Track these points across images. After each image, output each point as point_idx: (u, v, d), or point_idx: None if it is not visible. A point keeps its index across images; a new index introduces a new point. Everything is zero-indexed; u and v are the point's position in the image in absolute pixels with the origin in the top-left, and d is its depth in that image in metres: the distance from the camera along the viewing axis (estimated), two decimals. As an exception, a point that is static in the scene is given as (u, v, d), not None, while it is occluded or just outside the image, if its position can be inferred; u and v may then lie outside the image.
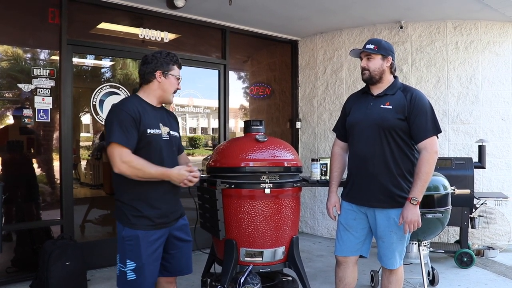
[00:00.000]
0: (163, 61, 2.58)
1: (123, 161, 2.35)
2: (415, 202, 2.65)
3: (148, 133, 2.47)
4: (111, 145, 2.36)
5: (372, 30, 6.07)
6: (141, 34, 5.20)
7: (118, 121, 2.38)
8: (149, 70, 2.56)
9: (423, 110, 2.71)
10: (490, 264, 4.99)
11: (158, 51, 2.63)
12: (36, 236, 4.49)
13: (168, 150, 2.60)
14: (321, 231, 6.47)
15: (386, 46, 2.84)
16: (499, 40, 5.76)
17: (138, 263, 2.44)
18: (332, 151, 3.14)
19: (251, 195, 3.04)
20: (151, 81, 2.58)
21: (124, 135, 2.36)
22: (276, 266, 3.19)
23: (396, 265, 2.85)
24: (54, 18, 4.52)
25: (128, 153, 2.37)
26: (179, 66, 2.67)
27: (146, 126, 2.46)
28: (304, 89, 6.77)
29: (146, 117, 2.48)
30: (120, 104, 2.51)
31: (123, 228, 2.48)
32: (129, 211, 2.47)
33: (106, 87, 4.92)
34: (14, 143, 4.44)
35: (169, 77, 2.60)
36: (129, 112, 2.41)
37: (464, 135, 5.72)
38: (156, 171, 2.40)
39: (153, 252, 2.50)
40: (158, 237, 2.52)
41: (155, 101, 2.61)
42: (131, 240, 2.45)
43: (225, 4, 4.77)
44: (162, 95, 2.62)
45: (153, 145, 2.50)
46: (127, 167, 2.36)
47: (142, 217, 2.47)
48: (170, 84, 2.62)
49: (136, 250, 2.44)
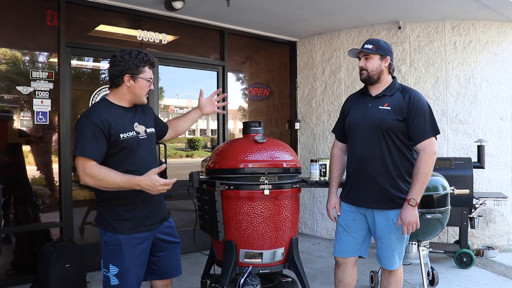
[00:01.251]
0: (132, 64, 2.42)
1: (86, 173, 2.28)
2: (413, 203, 2.65)
3: (121, 138, 2.39)
4: (76, 158, 2.30)
5: (370, 30, 6.07)
6: (139, 36, 5.20)
7: (84, 133, 2.30)
8: (117, 74, 2.43)
9: (422, 111, 2.71)
10: (489, 264, 4.99)
11: (127, 51, 2.46)
12: (36, 238, 4.49)
13: (146, 150, 2.53)
14: (320, 232, 6.47)
15: (384, 46, 2.84)
16: (498, 40, 5.77)
17: (121, 268, 2.40)
18: (332, 152, 3.15)
19: (250, 196, 3.03)
20: (120, 85, 2.45)
21: (90, 147, 2.28)
22: (276, 267, 3.18)
23: (396, 265, 2.85)
24: (53, 21, 4.53)
25: (91, 165, 2.28)
26: (151, 66, 2.51)
27: (118, 132, 2.38)
28: (303, 90, 6.77)
29: (116, 123, 2.39)
30: (87, 114, 2.39)
31: (105, 233, 2.43)
32: (109, 215, 2.43)
33: (105, 89, 4.92)
34: (13, 146, 4.44)
35: (139, 80, 2.45)
36: (96, 122, 2.32)
37: (463, 135, 5.72)
38: (122, 180, 2.27)
39: (138, 256, 2.45)
40: (142, 240, 2.46)
41: (126, 104, 2.51)
42: (113, 245, 2.40)
43: (223, 5, 4.78)
44: (132, 98, 2.50)
45: (128, 150, 2.42)
46: (90, 179, 2.28)
47: (123, 221, 2.42)
48: (140, 88, 2.47)
49: (118, 255, 2.39)
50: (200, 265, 3.67)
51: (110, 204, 2.43)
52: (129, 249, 2.40)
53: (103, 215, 2.45)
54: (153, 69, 2.54)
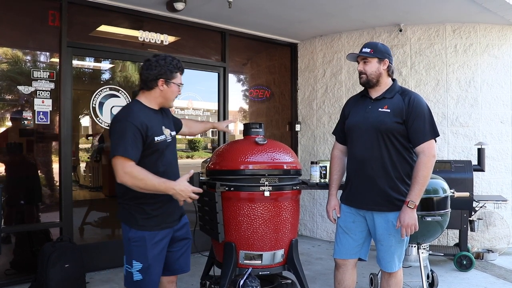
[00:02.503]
0: (167, 69, 2.55)
1: (126, 172, 2.36)
2: (412, 205, 2.65)
3: (155, 141, 2.50)
4: (116, 157, 2.37)
5: (371, 33, 6.08)
6: (141, 36, 5.21)
7: (125, 133, 2.38)
8: (152, 78, 2.54)
9: (421, 113, 2.72)
10: (489, 267, 4.99)
11: (162, 57, 2.58)
12: (35, 238, 4.49)
13: (172, 152, 2.68)
14: (320, 234, 6.47)
15: (382, 49, 2.84)
16: (498, 43, 5.78)
17: (145, 264, 2.49)
18: (332, 154, 3.15)
19: (250, 198, 3.03)
20: (153, 89, 2.57)
21: (130, 147, 2.37)
22: (275, 269, 3.18)
23: (395, 268, 2.85)
24: (54, 21, 4.54)
25: (131, 165, 2.37)
26: (181, 72, 2.67)
27: (153, 134, 2.49)
28: (304, 92, 6.77)
29: (152, 126, 2.50)
30: (127, 114, 2.48)
31: (130, 230, 2.51)
32: (137, 213, 2.51)
33: (106, 89, 4.92)
34: (14, 145, 4.44)
35: (171, 85, 2.59)
36: (136, 124, 2.41)
37: (464, 138, 5.73)
38: (159, 182, 2.39)
39: (159, 253, 2.55)
40: (163, 237, 2.56)
41: (156, 106, 2.63)
42: (137, 241, 2.49)
43: (224, 7, 4.78)
44: (163, 102, 2.63)
45: (160, 151, 2.54)
46: (129, 178, 2.36)
47: (149, 218, 2.51)
48: (172, 92, 2.61)
49: (142, 251, 2.48)
50: (200, 266, 3.67)
51: (138, 203, 2.50)
52: (152, 246, 2.50)
53: (130, 213, 2.52)
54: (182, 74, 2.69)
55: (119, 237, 5.26)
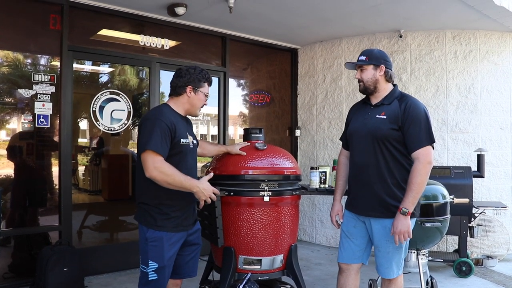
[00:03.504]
0: (196, 78, 2.72)
1: (155, 166, 2.46)
2: (405, 212, 2.64)
3: (181, 142, 2.63)
4: (147, 151, 2.48)
5: (371, 39, 6.10)
6: (141, 41, 5.22)
7: (156, 130, 2.51)
8: (181, 84, 2.71)
9: (417, 119, 2.71)
10: (489, 274, 4.98)
11: (192, 67, 2.77)
12: (34, 241, 4.48)
13: (193, 158, 2.80)
14: (319, 239, 6.46)
15: (377, 56, 2.85)
16: (498, 49, 5.79)
17: (161, 264, 2.57)
18: (338, 160, 3.18)
19: (250, 203, 3.03)
20: (181, 95, 2.73)
21: (160, 143, 2.49)
22: (275, 274, 3.18)
23: (393, 274, 2.84)
24: (56, 24, 4.54)
25: (161, 160, 2.49)
26: (209, 84, 2.82)
27: (179, 136, 2.62)
28: (304, 97, 6.78)
29: (179, 128, 2.63)
30: (158, 113, 2.62)
31: (147, 230, 2.58)
32: (156, 213, 2.59)
33: (106, 93, 4.93)
34: (13, 148, 4.44)
35: (199, 93, 2.75)
36: (167, 122, 2.56)
37: (463, 144, 5.73)
38: (185, 179, 2.52)
39: (173, 254, 2.65)
40: (178, 239, 2.66)
41: (183, 112, 2.77)
42: (155, 241, 2.56)
43: (225, 12, 4.80)
44: (189, 108, 2.78)
45: (183, 154, 2.66)
46: (159, 173, 2.46)
47: (168, 219, 2.60)
48: (198, 100, 2.76)
49: (159, 251, 2.56)
50: (199, 271, 3.65)
51: (157, 203, 2.60)
52: (169, 247, 2.59)
53: (149, 213, 2.60)
54: (210, 86, 2.85)
55: (117, 241, 5.26)
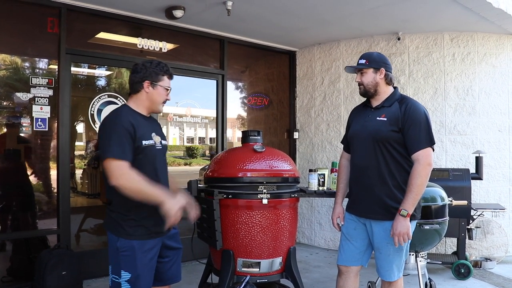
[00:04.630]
0: (152, 71, 2.55)
1: (121, 174, 2.31)
2: (404, 214, 2.64)
3: (143, 145, 2.46)
4: (108, 160, 2.33)
5: (369, 41, 6.11)
6: (139, 44, 5.22)
7: (114, 135, 2.36)
8: (137, 80, 2.54)
9: (417, 121, 2.72)
10: (487, 276, 4.98)
11: (148, 61, 2.60)
12: (32, 245, 4.46)
13: (161, 160, 2.62)
14: (318, 242, 6.45)
15: (377, 59, 2.86)
16: (496, 52, 5.81)
17: (134, 274, 2.43)
18: (339, 163, 3.19)
19: (248, 206, 3.03)
20: (139, 91, 2.56)
21: (121, 149, 2.34)
22: (273, 277, 3.18)
23: (394, 277, 2.84)
24: (53, 28, 4.54)
25: (125, 166, 2.33)
26: (169, 77, 2.64)
27: (141, 138, 2.45)
28: (302, 99, 6.79)
29: (140, 129, 2.46)
30: (114, 117, 2.47)
31: (118, 239, 2.45)
32: (125, 221, 2.45)
33: (104, 96, 4.92)
34: (12, 152, 4.43)
35: (158, 87, 2.57)
36: (125, 124, 2.39)
37: (461, 146, 5.74)
38: (153, 191, 2.35)
39: (149, 262, 2.49)
40: (153, 246, 2.51)
41: (144, 111, 2.60)
42: (126, 251, 2.43)
43: (223, 14, 4.81)
44: (150, 105, 2.60)
45: (148, 157, 2.49)
46: (125, 181, 2.31)
47: (138, 226, 2.45)
48: (158, 95, 2.58)
49: (131, 261, 2.43)
50: (198, 274, 3.66)
51: (125, 210, 2.45)
52: (142, 255, 2.45)
53: (117, 221, 2.47)
54: (171, 80, 2.65)
55: (116, 244, 5.23)
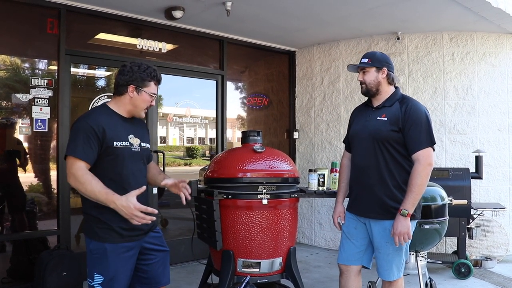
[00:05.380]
0: (139, 76, 2.46)
1: (71, 172, 2.28)
2: (405, 213, 2.65)
3: (114, 145, 2.39)
4: (67, 157, 2.32)
5: (369, 41, 6.11)
6: (139, 44, 5.22)
7: (79, 134, 2.32)
8: (122, 83, 2.46)
9: (417, 121, 2.72)
10: (488, 275, 4.98)
11: (137, 63, 2.51)
12: (33, 246, 4.46)
13: (137, 163, 2.52)
14: (318, 242, 6.45)
15: (380, 58, 2.87)
16: (495, 51, 5.81)
17: (106, 277, 2.36)
18: (341, 162, 3.20)
19: (248, 206, 3.03)
20: (123, 94, 2.48)
21: (82, 148, 2.29)
22: (274, 277, 3.17)
23: (394, 277, 2.84)
24: (53, 28, 4.55)
25: (79, 167, 2.28)
26: (156, 82, 2.55)
27: (112, 139, 2.38)
28: (302, 99, 6.79)
29: (112, 130, 2.39)
30: (85, 116, 2.41)
31: (91, 241, 2.40)
32: (96, 224, 2.39)
33: (104, 97, 4.93)
34: (11, 153, 4.43)
35: (142, 93, 2.49)
36: (92, 125, 2.33)
37: (461, 145, 5.74)
38: (100, 191, 2.24)
39: (124, 264, 2.42)
40: (128, 249, 2.43)
41: (125, 113, 2.53)
42: (98, 253, 2.37)
43: (223, 15, 4.81)
44: (132, 110, 2.52)
45: (120, 158, 2.42)
46: (73, 180, 2.28)
47: (110, 230, 2.38)
48: (142, 101, 2.50)
49: (103, 264, 2.36)
50: (198, 274, 3.66)
51: (97, 213, 2.37)
52: (115, 257, 2.38)
53: (90, 224, 2.42)
54: (158, 85, 2.58)
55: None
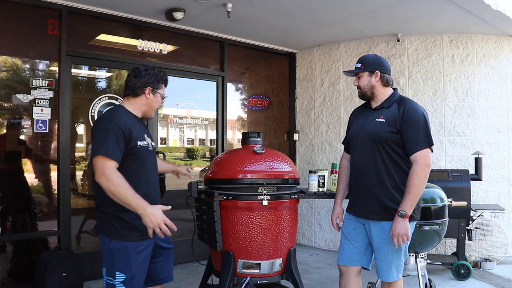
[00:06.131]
0: (155, 79, 2.62)
1: (104, 172, 2.33)
2: (403, 215, 2.65)
3: (138, 145, 2.51)
4: (98, 156, 2.36)
5: (369, 43, 6.12)
6: (140, 45, 5.24)
7: (109, 133, 2.38)
8: (140, 85, 2.59)
9: (415, 122, 2.73)
10: (487, 276, 4.99)
11: (150, 67, 2.65)
12: (33, 246, 4.47)
13: (152, 161, 2.67)
14: (318, 243, 6.46)
15: (372, 62, 2.88)
16: (495, 53, 5.82)
17: (128, 275, 2.45)
18: (340, 164, 3.21)
19: (248, 207, 3.04)
20: (139, 96, 2.61)
21: (112, 148, 2.36)
22: (274, 278, 3.18)
23: (393, 278, 2.85)
24: (54, 30, 4.56)
25: (111, 167, 2.35)
26: (165, 85, 2.73)
27: (136, 138, 2.50)
28: (302, 101, 6.80)
29: (135, 130, 2.51)
30: (110, 115, 2.50)
31: (111, 241, 2.46)
32: (118, 223, 2.46)
33: (105, 98, 4.94)
34: (12, 154, 4.44)
35: (157, 95, 2.65)
36: (120, 125, 2.42)
37: (461, 147, 5.75)
38: (132, 196, 2.33)
39: (142, 263, 2.52)
40: (145, 247, 2.54)
41: (139, 114, 2.66)
42: (120, 252, 2.45)
43: (223, 16, 4.82)
44: (146, 110, 2.67)
45: (142, 157, 2.54)
46: (106, 180, 2.32)
47: (132, 229, 2.47)
48: (156, 102, 2.67)
49: (125, 262, 2.45)
50: (198, 275, 3.67)
51: (117, 211, 2.44)
52: (135, 256, 2.47)
53: (110, 223, 2.48)
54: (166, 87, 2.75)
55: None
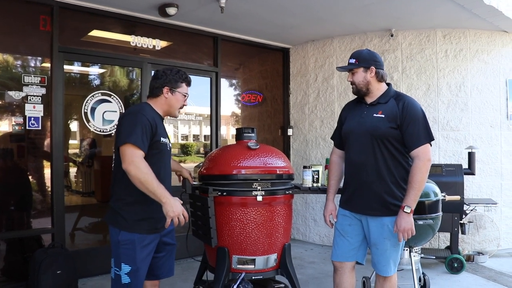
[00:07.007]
0: (172, 78, 2.74)
1: (133, 160, 2.43)
2: (408, 210, 2.67)
3: (161, 141, 2.65)
4: (127, 144, 2.46)
5: (363, 38, 6.12)
6: (133, 41, 5.21)
7: (138, 124, 2.50)
8: (158, 85, 2.74)
9: (415, 118, 2.73)
10: (480, 270, 5.03)
11: (169, 68, 2.80)
12: (27, 244, 4.45)
13: (169, 159, 2.83)
14: (313, 238, 6.48)
15: (367, 57, 2.85)
16: (487, 48, 5.85)
17: (133, 267, 2.54)
18: (330, 159, 3.18)
19: (243, 203, 3.04)
20: (159, 96, 2.75)
21: (141, 138, 2.48)
22: (269, 273, 3.18)
23: (391, 272, 2.86)
24: (46, 25, 4.52)
25: (140, 155, 2.47)
26: (188, 84, 2.83)
27: (160, 134, 2.64)
28: (296, 96, 6.80)
29: (159, 127, 2.66)
30: (140, 109, 2.64)
31: (119, 232, 2.55)
32: (128, 215, 2.56)
33: (98, 94, 4.91)
34: (4, 151, 4.40)
35: (176, 94, 2.77)
36: (149, 118, 2.57)
37: (454, 142, 5.78)
38: (158, 185, 2.45)
39: (146, 256, 2.61)
40: (151, 241, 2.63)
41: (162, 114, 2.79)
42: (127, 244, 2.54)
43: (217, 12, 4.80)
44: (168, 109, 2.79)
45: (162, 153, 2.68)
46: (134, 168, 2.42)
47: (142, 220, 2.57)
48: (176, 101, 2.78)
49: (132, 254, 2.54)
50: (193, 271, 3.67)
51: (129, 202, 2.57)
52: (142, 249, 2.57)
53: (120, 214, 2.57)
54: (189, 86, 2.86)
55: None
